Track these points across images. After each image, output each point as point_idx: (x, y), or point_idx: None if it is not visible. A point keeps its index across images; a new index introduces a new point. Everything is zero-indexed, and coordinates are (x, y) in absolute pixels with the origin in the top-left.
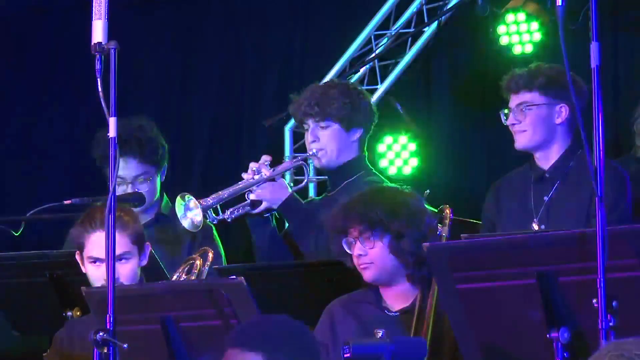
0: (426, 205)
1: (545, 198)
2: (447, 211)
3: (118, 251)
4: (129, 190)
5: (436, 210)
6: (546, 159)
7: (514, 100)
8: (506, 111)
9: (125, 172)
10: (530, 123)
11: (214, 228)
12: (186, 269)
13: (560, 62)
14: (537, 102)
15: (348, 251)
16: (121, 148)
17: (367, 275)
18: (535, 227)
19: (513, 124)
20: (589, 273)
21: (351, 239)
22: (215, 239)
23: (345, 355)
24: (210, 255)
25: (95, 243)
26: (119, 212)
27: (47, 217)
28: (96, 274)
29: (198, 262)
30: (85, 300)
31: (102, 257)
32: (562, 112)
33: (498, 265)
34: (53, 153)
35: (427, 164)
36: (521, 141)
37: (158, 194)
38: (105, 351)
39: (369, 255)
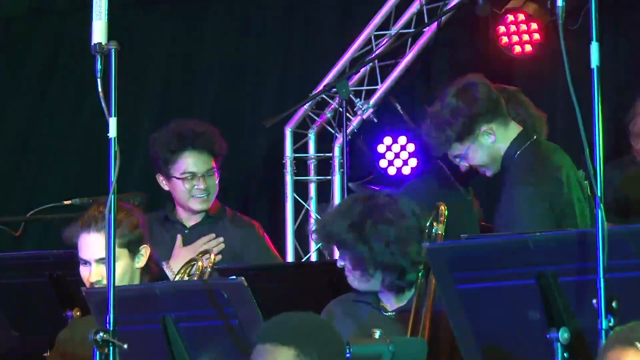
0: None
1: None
2: (442, 208)
3: (100, 254)
4: (201, 185)
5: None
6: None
7: (449, 154)
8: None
9: (198, 167)
10: (479, 163)
11: (254, 227)
12: (188, 269)
13: (560, 62)
14: (463, 150)
15: None
16: (194, 142)
17: (351, 285)
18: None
19: (470, 169)
20: (589, 273)
21: None
22: (262, 238)
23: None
24: (213, 256)
25: (83, 245)
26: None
27: (47, 217)
28: (84, 274)
29: (200, 263)
30: (85, 301)
31: (88, 259)
32: (490, 133)
33: (498, 265)
34: (53, 153)
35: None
36: (487, 174)
37: None
38: (106, 351)
39: (345, 267)
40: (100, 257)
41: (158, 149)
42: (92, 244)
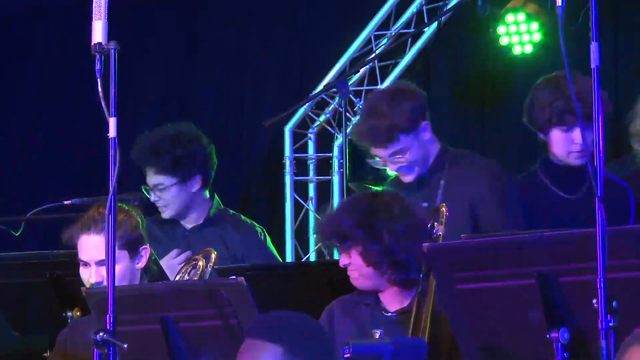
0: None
1: (430, 202)
2: (444, 209)
3: (101, 256)
4: (153, 197)
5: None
6: (425, 167)
7: (382, 152)
8: (376, 159)
9: (150, 182)
10: (411, 160)
11: (260, 232)
12: (189, 269)
13: (560, 62)
14: (409, 144)
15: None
16: (141, 161)
17: (354, 284)
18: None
19: (397, 170)
20: (589, 273)
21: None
22: (264, 244)
23: (346, 356)
24: (213, 256)
25: (83, 246)
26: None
27: (47, 217)
28: (84, 276)
29: (201, 263)
30: (85, 301)
31: (87, 261)
32: (427, 129)
33: (498, 265)
34: (53, 153)
35: None
36: (410, 177)
37: (191, 200)
38: (106, 351)
39: (351, 265)
40: (100, 259)
41: None
42: (92, 246)
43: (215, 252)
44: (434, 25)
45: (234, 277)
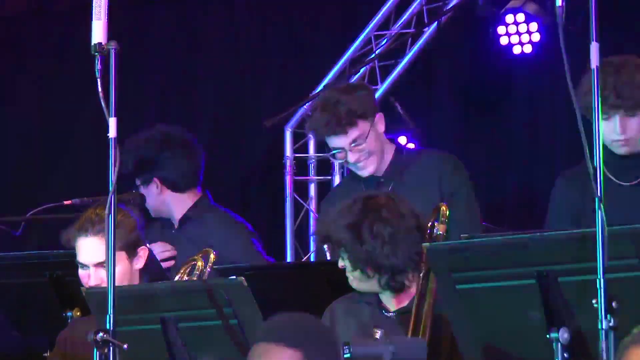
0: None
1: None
2: (444, 208)
3: (99, 258)
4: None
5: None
6: (380, 166)
7: (341, 141)
8: (335, 152)
9: None
10: (370, 150)
11: (236, 229)
12: (188, 270)
13: (560, 62)
14: (367, 131)
15: None
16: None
17: (352, 285)
18: None
19: (358, 161)
20: (589, 273)
21: None
22: (245, 239)
23: (345, 356)
24: (212, 256)
25: (81, 249)
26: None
27: (47, 217)
28: (83, 278)
29: (200, 263)
30: (85, 301)
31: (86, 263)
32: (381, 121)
33: (498, 265)
34: (53, 153)
35: None
36: (370, 169)
37: (159, 202)
38: (106, 351)
39: (345, 268)
40: (98, 261)
41: None
42: (90, 248)
43: (214, 253)
44: (434, 25)
45: (234, 277)
